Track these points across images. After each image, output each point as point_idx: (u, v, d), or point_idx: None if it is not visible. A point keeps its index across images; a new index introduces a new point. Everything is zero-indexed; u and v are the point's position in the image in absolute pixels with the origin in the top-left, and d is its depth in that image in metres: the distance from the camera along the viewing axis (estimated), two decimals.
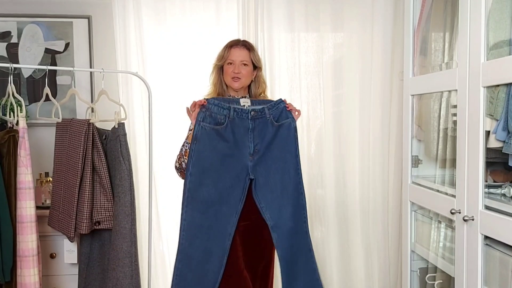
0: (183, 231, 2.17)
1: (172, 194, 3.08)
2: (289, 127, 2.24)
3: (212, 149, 2.16)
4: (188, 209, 2.17)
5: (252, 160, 2.18)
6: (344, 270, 3.22)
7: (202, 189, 2.17)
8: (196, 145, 2.16)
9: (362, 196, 3.20)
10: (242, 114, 2.18)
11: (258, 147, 2.19)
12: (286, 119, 2.24)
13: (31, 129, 2.67)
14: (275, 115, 2.22)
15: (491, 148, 1.97)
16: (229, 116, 2.16)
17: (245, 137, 2.18)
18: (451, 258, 2.28)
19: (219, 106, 2.17)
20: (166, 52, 3.06)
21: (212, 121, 2.16)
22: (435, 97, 2.48)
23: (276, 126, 2.21)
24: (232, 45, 2.36)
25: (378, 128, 3.16)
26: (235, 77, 2.32)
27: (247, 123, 2.18)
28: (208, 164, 2.17)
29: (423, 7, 2.54)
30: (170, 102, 3.05)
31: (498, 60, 1.85)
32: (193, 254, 2.17)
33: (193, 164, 2.16)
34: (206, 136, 2.16)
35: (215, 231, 2.17)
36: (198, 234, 2.17)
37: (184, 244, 2.17)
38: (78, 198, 2.43)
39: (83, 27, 3.20)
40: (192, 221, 2.17)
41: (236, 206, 2.17)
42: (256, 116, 2.19)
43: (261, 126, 2.20)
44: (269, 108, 2.21)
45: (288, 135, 2.23)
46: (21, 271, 2.28)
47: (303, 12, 3.09)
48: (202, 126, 2.16)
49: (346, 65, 3.16)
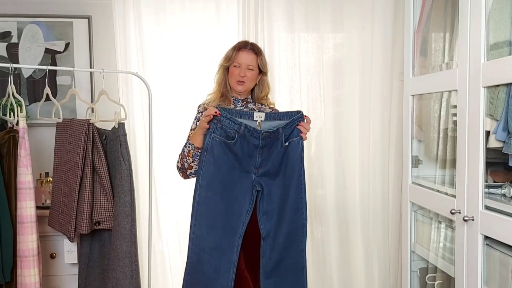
0: (192, 245, 2.20)
1: (172, 194, 3.09)
2: (297, 146, 2.22)
3: (221, 161, 2.17)
4: (197, 223, 2.19)
5: (256, 173, 2.19)
6: (344, 270, 3.22)
7: (210, 202, 2.18)
8: (207, 157, 2.17)
9: (362, 196, 3.20)
10: (254, 133, 2.17)
11: (264, 162, 2.19)
12: (296, 137, 2.22)
13: (31, 129, 2.67)
14: (287, 134, 2.20)
15: (491, 148, 1.97)
16: (239, 132, 2.16)
17: (254, 152, 2.18)
18: (451, 258, 2.28)
19: (231, 120, 2.15)
20: (166, 52, 3.05)
21: (223, 133, 2.16)
22: (435, 97, 2.48)
23: (285, 147, 2.19)
24: (240, 48, 2.34)
25: (378, 128, 3.16)
26: (240, 81, 2.32)
27: (257, 142, 2.17)
28: (216, 176, 2.18)
29: (423, 7, 2.54)
30: (170, 102, 3.05)
31: (498, 60, 1.85)
32: (202, 269, 2.19)
33: (203, 177, 2.17)
34: (216, 147, 2.16)
35: (223, 245, 2.18)
36: (206, 248, 2.19)
37: (193, 258, 2.20)
38: (78, 198, 2.43)
39: (83, 27, 3.20)
40: (201, 235, 2.19)
41: (243, 218, 2.18)
42: (268, 137, 2.18)
43: (271, 143, 2.19)
44: (284, 128, 2.18)
45: (295, 154, 2.22)
46: (21, 271, 2.28)
47: (303, 12, 3.09)
48: (213, 138, 2.16)
49: (346, 65, 3.16)
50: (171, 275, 3.13)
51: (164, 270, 3.13)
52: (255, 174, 2.20)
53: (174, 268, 3.13)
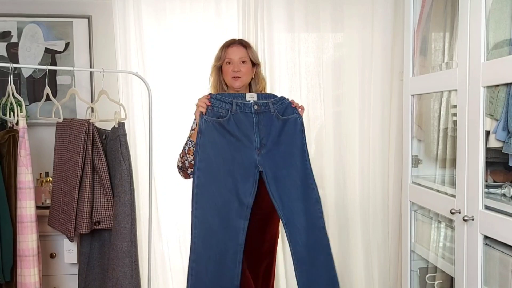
0: (195, 230, 2.12)
1: (172, 194, 3.09)
2: (295, 122, 2.23)
3: (218, 143, 2.15)
4: (198, 206, 2.13)
5: (259, 154, 2.17)
6: (344, 270, 3.22)
7: (211, 185, 2.14)
8: (201, 139, 2.14)
9: (362, 196, 3.20)
10: (245, 108, 2.17)
11: (264, 141, 2.17)
12: (292, 114, 2.23)
13: (31, 129, 2.67)
14: (280, 110, 2.21)
15: (491, 148, 1.97)
16: (231, 110, 2.16)
17: (251, 131, 2.17)
18: (451, 258, 2.28)
19: (221, 100, 2.16)
20: (166, 52, 3.06)
21: (214, 114, 2.15)
22: (435, 97, 2.48)
23: (282, 120, 2.19)
24: (228, 45, 2.36)
25: (378, 128, 3.16)
26: (235, 76, 2.31)
27: (251, 117, 2.17)
28: (215, 159, 2.14)
29: (423, 7, 2.54)
30: (170, 102, 3.05)
31: (498, 60, 1.85)
32: (208, 253, 2.12)
33: (200, 159, 2.13)
34: (210, 129, 2.15)
35: (228, 227, 2.12)
36: (211, 232, 2.12)
37: (197, 243, 2.11)
38: (78, 198, 2.43)
39: (83, 27, 3.20)
40: (204, 218, 2.13)
41: (247, 200, 2.14)
42: (260, 110, 2.18)
43: (266, 120, 2.18)
44: (273, 103, 2.21)
45: (295, 130, 2.22)
46: (21, 271, 2.28)
47: (303, 12, 3.09)
48: (205, 119, 2.15)
49: (346, 65, 3.16)
50: (171, 275, 3.13)
51: (164, 270, 3.14)
52: (259, 156, 2.17)
53: (174, 268, 3.13)
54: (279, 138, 2.19)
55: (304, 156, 2.22)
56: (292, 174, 2.20)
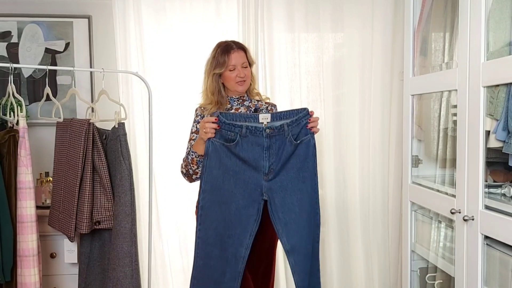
0: (197, 250, 2.14)
1: (172, 194, 3.09)
2: (308, 144, 2.09)
3: (224, 167, 2.08)
4: (202, 227, 2.12)
5: (266, 179, 2.08)
6: (344, 270, 3.22)
7: (215, 208, 2.10)
8: (208, 161, 2.07)
9: (362, 196, 3.20)
10: (257, 131, 2.05)
11: (273, 166, 2.08)
12: (306, 135, 2.09)
13: (31, 129, 2.67)
14: (295, 132, 2.07)
15: (491, 148, 1.97)
16: (241, 134, 2.05)
17: (260, 155, 2.06)
18: (451, 258, 2.28)
19: (231, 124, 2.05)
20: (166, 52, 3.06)
21: (221, 138, 2.06)
22: (435, 97, 2.48)
23: (295, 145, 2.07)
24: (229, 50, 2.29)
25: (378, 128, 3.16)
26: (240, 81, 2.30)
27: (261, 140, 2.05)
28: (220, 182, 2.08)
29: (423, 7, 2.54)
30: (170, 102, 3.05)
31: (498, 60, 1.85)
32: (208, 273, 2.14)
33: (206, 181, 2.09)
34: (217, 152, 2.06)
35: (228, 254, 2.11)
36: (212, 254, 2.12)
37: (199, 262, 2.14)
38: (78, 198, 2.43)
39: (83, 27, 3.20)
40: (206, 240, 2.12)
41: (251, 228, 2.09)
42: (273, 134, 2.06)
43: (279, 144, 2.07)
44: (289, 125, 2.06)
45: (307, 153, 2.09)
46: (21, 270, 2.28)
47: (303, 12, 3.09)
48: (212, 142, 2.06)
49: (346, 65, 3.16)
50: (171, 275, 3.13)
51: (164, 270, 3.13)
52: (266, 182, 2.08)
53: (174, 268, 3.13)
54: (289, 162, 2.09)
55: (314, 180, 2.13)
56: (302, 200, 2.12)
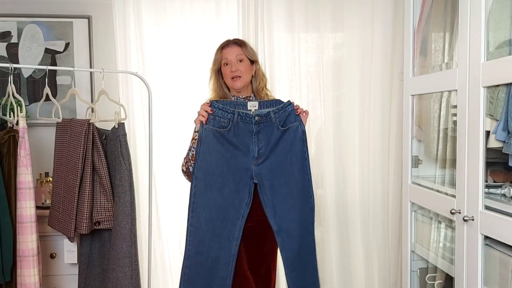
0: (190, 237, 2.16)
1: (172, 194, 3.09)
2: (296, 131, 2.20)
3: (217, 152, 2.15)
4: (194, 214, 2.15)
5: (256, 163, 2.16)
6: (344, 270, 3.22)
7: (207, 194, 2.15)
8: (201, 148, 2.14)
9: (362, 196, 3.20)
10: (246, 118, 2.16)
11: (262, 150, 2.17)
12: (294, 122, 2.21)
13: (31, 129, 2.66)
14: (281, 119, 2.19)
15: (491, 148, 1.97)
16: (233, 120, 2.15)
17: (249, 140, 2.16)
18: (451, 258, 2.28)
19: (223, 110, 2.15)
20: (166, 52, 3.05)
21: (216, 124, 2.15)
22: (435, 97, 2.48)
23: (282, 131, 2.18)
24: (223, 46, 2.34)
25: (378, 128, 3.16)
26: (235, 77, 2.30)
27: (251, 127, 2.16)
28: (213, 168, 2.15)
29: (423, 7, 2.54)
30: (170, 102, 3.05)
31: (498, 60, 1.85)
32: (201, 260, 2.16)
33: (198, 168, 2.14)
34: (210, 138, 2.14)
35: (222, 237, 2.15)
36: (205, 240, 2.15)
37: (191, 250, 2.16)
38: (78, 198, 2.43)
39: (83, 27, 3.20)
40: (199, 226, 2.15)
41: (242, 210, 2.15)
42: (261, 121, 2.17)
43: (266, 129, 2.17)
44: (275, 112, 2.18)
45: (295, 138, 2.19)
46: (21, 271, 2.28)
47: (303, 12, 3.09)
48: (206, 128, 2.14)
49: (346, 65, 3.16)
50: (171, 275, 3.13)
51: (164, 270, 3.13)
52: (255, 165, 2.16)
53: (174, 268, 3.13)
54: (277, 146, 2.18)
55: (304, 164, 2.21)
56: (289, 182, 2.20)
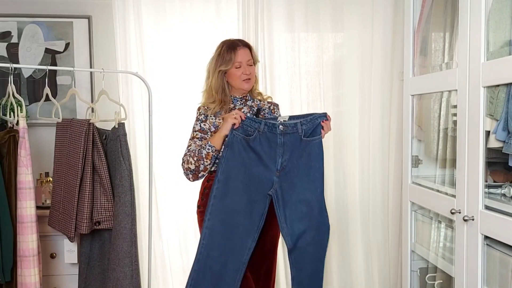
0: (203, 240, 2.16)
1: (172, 194, 3.09)
2: (319, 146, 2.18)
3: (240, 159, 2.15)
4: (211, 217, 2.15)
5: (278, 175, 2.15)
6: (344, 270, 3.22)
7: (227, 199, 2.15)
8: (227, 152, 2.15)
9: (362, 196, 3.20)
10: (273, 129, 2.15)
11: (285, 163, 2.16)
12: (318, 135, 2.18)
13: (31, 129, 2.67)
14: (308, 130, 2.16)
15: (491, 148, 1.97)
16: (259, 130, 2.15)
17: (274, 151, 2.15)
18: (451, 258, 2.28)
19: (252, 119, 2.16)
20: (166, 52, 3.06)
21: (243, 132, 2.16)
22: (435, 97, 2.48)
23: (305, 142, 2.16)
24: (235, 47, 2.30)
25: (378, 128, 3.16)
26: (246, 79, 2.30)
27: (276, 137, 2.15)
28: (235, 173, 2.15)
29: (423, 7, 2.54)
30: (170, 102, 3.05)
31: (498, 60, 1.85)
32: (211, 265, 2.15)
33: (222, 171, 2.15)
34: (237, 144, 2.15)
35: (235, 244, 2.15)
36: (218, 245, 2.15)
37: (203, 253, 2.16)
38: (78, 198, 2.43)
39: (83, 27, 3.20)
40: (214, 230, 2.15)
41: (258, 221, 2.15)
42: (287, 131, 2.15)
43: (292, 141, 2.16)
44: (302, 124, 2.16)
45: (318, 154, 2.18)
46: (21, 271, 2.28)
47: (303, 12, 3.09)
48: (234, 134, 2.16)
49: (346, 65, 3.17)
50: (171, 275, 3.13)
51: (164, 270, 3.14)
52: (277, 178, 2.15)
53: (174, 268, 3.13)
54: (300, 160, 2.16)
55: (322, 181, 2.20)
56: (308, 201, 2.17)
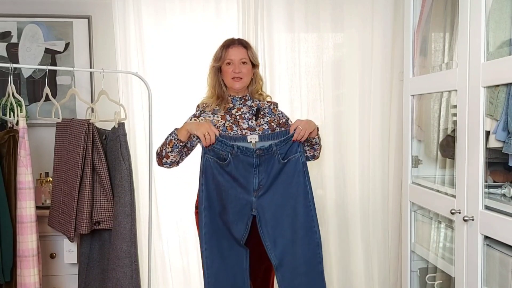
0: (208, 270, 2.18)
1: (172, 194, 3.08)
2: (297, 162, 2.16)
3: (216, 183, 2.15)
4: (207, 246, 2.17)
5: (256, 195, 2.14)
6: (344, 270, 3.22)
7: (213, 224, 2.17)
8: (204, 178, 2.16)
9: (362, 196, 3.20)
10: (247, 152, 2.13)
11: (262, 182, 2.14)
12: (295, 154, 2.17)
13: (31, 129, 2.67)
14: (283, 151, 2.15)
15: (491, 148, 1.97)
16: (232, 153, 2.13)
17: (250, 173, 2.14)
18: (451, 258, 2.28)
19: (222, 143, 2.13)
20: (166, 52, 3.06)
21: (215, 155, 2.15)
22: (435, 97, 2.48)
23: (283, 164, 2.15)
24: (229, 45, 2.33)
25: (378, 128, 3.16)
26: (236, 77, 2.30)
27: (251, 160, 2.14)
28: (214, 197, 2.16)
29: (423, 7, 2.54)
30: (170, 102, 3.05)
31: (498, 60, 1.85)
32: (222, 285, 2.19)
33: (205, 198, 2.16)
34: (211, 169, 2.16)
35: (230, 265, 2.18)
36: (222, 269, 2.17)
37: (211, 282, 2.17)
38: (78, 198, 2.42)
39: (83, 27, 3.20)
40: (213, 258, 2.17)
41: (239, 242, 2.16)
42: (262, 154, 2.14)
43: (267, 162, 2.15)
44: (276, 145, 2.15)
45: (295, 170, 2.16)
46: (21, 271, 2.28)
47: (303, 12, 3.09)
48: (207, 158, 2.16)
49: (346, 65, 3.16)
50: (171, 275, 3.13)
51: (164, 270, 3.14)
52: (255, 197, 2.14)
53: (174, 268, 3.13)
54: (278, 178, 2.15)
55: (307, 197, 2.17)
56: (291, 215, 2.16)
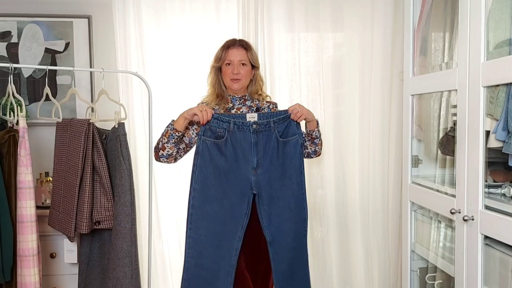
0: (189, 249, 2.16)
1: (172, 194, 3.08)
2: (296, 145, 2.19)
3: (214, 165, 2.15)
4: (192, 226, 2.16)
5: (255, 174, 2.16)
6: (344, 270, 3.22)
7: (206, 206, 2.16)
8: (199, 160, 2.14)
9: (362, 196, 3.20)
10: (243, 127, 2.13)
11: (261, 161, 2.16)
12: (293, 135, 2.19)
13: (31, 129, 2.67)
14: (281, 129, 2.16)
15: (491, 148, 1.97)
16: (228, 130, 2.13)
17: (248, 151, 2.15)
18: (451, 258, 2.28)
19: (219, 119, 2.13)
20: (166, 52, 3.05)
21: (212, 135, 2.14)
22: (435, 97, 2.48)
23: (282, 142, 2.17)
24: (229, 46, 2.34)
25: (378, 128, 3.16)
26: (235, 79, 2.31)
27: (249, 136, 2.14)
28: (210, 180, 2.15)
29: (423, 7, 2.54)
30: (170, 102, 3.05)
31: (498, 60, 1.85)
32: (200, 273, 2.16)
33: (196, 180, 2.15)
34: (208, 150, 2.14)
35: (222, 248, 2.15)
36: (205, 252, 2.15)
37: (190, 262, 2.16)
38: (78, 198, 2.43)
39: (83, 27, 3.20)
40: (198, 238, 2.16)
41: (242, 221, 2.16)
42: (259, 129, 2.14)
43: (265, 139, 2.15)
44: (274, 122, 2.16)
45: (295, 152, 2.19)
46: (21, 270, 2.28)
47: (303, 12, 3.09)
48: (203, 140, 2.15)
49: (346, 65, 3.16)
50: (171, 275, 3.13)
51: (164, 270, 3.14)
52: (254, 176, 2.16)
53: (174, 268, 3.13)
54: (277, 159, 2.17)
55: (301, 177, 2.22)
56: (287, 196, 2.20)
